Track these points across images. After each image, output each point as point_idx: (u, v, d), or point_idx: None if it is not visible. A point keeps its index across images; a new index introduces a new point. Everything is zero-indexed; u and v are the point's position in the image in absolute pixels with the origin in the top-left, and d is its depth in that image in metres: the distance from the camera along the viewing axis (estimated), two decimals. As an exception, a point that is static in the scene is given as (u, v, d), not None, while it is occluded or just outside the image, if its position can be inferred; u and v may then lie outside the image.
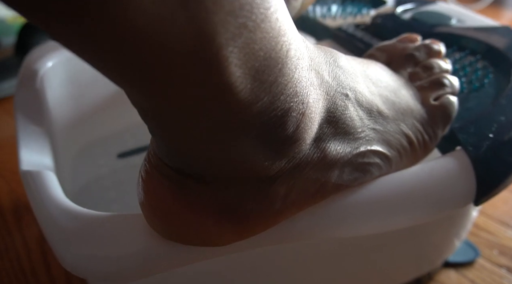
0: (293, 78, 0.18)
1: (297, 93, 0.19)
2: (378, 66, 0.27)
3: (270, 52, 0.17)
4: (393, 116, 0.25)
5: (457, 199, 0.24)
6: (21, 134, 0.29)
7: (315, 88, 0.20)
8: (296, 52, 0.19)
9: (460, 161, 0.25)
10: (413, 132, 0.26)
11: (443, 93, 0.27)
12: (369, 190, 0.23)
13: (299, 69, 0.19)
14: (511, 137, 0.25)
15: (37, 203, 0.24)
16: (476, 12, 0.95)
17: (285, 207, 0.21)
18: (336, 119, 0.22)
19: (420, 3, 0.44)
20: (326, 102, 0.21)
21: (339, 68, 0.23)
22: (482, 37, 0.35)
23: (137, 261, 0.21)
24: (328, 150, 0.21)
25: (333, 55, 0.23)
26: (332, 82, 0.22)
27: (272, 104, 0.18)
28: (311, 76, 0.20)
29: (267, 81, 0.17)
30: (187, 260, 0.21)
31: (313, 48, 0.22)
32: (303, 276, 0.30)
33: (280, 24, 0.17)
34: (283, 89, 0.18)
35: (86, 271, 0.21)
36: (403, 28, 0.38)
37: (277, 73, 0.18)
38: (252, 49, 0.16)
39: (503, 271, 0.40)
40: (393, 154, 0.25)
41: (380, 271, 0.34)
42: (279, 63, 0.18)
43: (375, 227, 0.24)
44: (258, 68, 0.17)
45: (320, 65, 0.21)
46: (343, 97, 0.22)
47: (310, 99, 0.20)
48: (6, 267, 0.40)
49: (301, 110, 0.19)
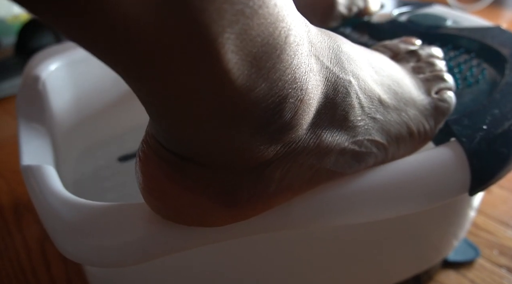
0: (291, 64, 0.18)
1: (295, 79, 0.19)
2: (382, 55, 0.28)
3: (268, 38, 0.17)
4: (395, 105, 0.25)
5: (452, 189, 0.25)
6: (22, 135, 0.30)
7: (315, 74, 0.20)
8: (296, 38, 0.19)
9: (455, 152, 0.25)
10: (415, 123, 0.26)
11: (444, 88, 0.28)
12: (365, 179, 0.24)
13: (298, 55, 0.19)
14: (505, 129, 0.26)
15: (37, 194, 0.24)
16: (476, 12, 0.96)
17: (280, 191, 0.21)
18: (336, 106, 0.22)
19: (417, 5, 0.45)
20: (326, 88, 0.21)
21: (342, 53, 0.23)
22: (476, 36, 0.36)
23: (135, 247, 0.21)
24: (325, 137, 0.22)
25: (337, 41, 0.23)
26: (333, 68, 0.22)
27: (270, 91, 0.18)
28: (311, 62, 0.20)
29: (265, 67, 0.17)
30: (184, 245, 0.22)
31: (315, 32, 0.22)
32: (301, 273, 0.31)
33: (279, 9, 0.17)
34: (281, 75, 0.18)
35: (85, 257, 0.21)
36: (400, 30, 0.39)
37: (275, 59, 0.18)
38: (249, 35, 0.16)
39: (503, 271, 0.40)
40: (391, 144, 0.25)
41: (378, 268, 0.34)
42: (277, 49, 0.18)
43: (369, 215, 0.24)
44: (255, 55, 0.17)
45: (321, 51, 0.21)
46: (346, 83, 0.22)
47: (309, 86, 0.20)
48: (6, 266, 0.40)
49: (299, 97, 0.19)
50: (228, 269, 0.28)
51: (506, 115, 0.26)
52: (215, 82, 0.17)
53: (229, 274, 0.28)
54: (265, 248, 0.28)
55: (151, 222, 0.21)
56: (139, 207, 0.22)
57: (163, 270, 0.26)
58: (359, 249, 0.31)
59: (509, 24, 0.96)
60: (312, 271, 0.31)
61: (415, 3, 0.45)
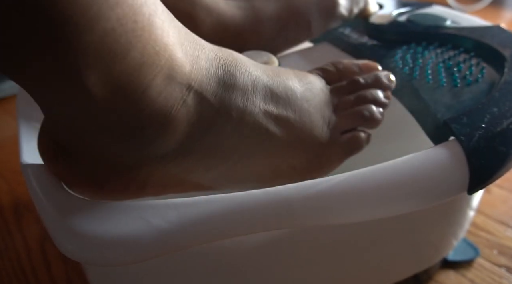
0: (157, 99, 0.21)
1: (161, 111, 0.21)
2: (294, 80, 0.28)
3: (133, 78, 0.19)
4: (286, 139, 0.26)
5: (451, 187, 0.25)
6: (22, 135, 0.30)
7: (189, 107, 0.22)
8: (166, 79, 0.21)
9: (453, 150, 0.25)
10: (303, 158, 0.27)
11: (360, 128, 0.29)
12: (364, 178, 0.24)
13: (166, 93, 0.21)
14: (503, 128, 0.26)
15: (37, 193, 0.24)
16: (475, 12, 0.96)
17: (141, 191, 0.24)
18: (207, 136, 0.24)
19: (416, 6, 0.45)
20: (200, 120, 0.23)
21: (234, 86, 0.24)
22: (475, 36, 0.36)
23: (135, 245, 0.21)
24: (192, 157, 0.24)
25: (234, 71, 0.24)
26: (215, 101, 0.23)
27: (133, 117, 0.20)
28: (187, 97, 0.22)
29: (129, 97, 0.20)
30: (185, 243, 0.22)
31: (208, 64, 0.23)
32: (301, 272, 0.31)
33: (147, 58, 0.19)
34: (146, 106, 0.20)
35: (85, 255, 0.21)
36: (399, 30, 0.39)
37: (139, 94, 0.20)
38: (113, 75, 0.19)
39: (502, 270, 0.40)
40: (267, 177, 0.27)
41: (377, 267, 0.34)
42: (141, 87, 0.20)
43: (368, 214, 0.24)
44: (119, 87, 0.19)
45: (205, 86, 0.23)
46: (224, 117, 0.24)
47: (179, 117, 0.22)
48: (6, 266, 0.40)
49: (164, 126, 0.21)
50: (228, 269, 0.28)
51: (505, 113, 0.26)
52: (75, 95, 0.19)
53: (229, 274, 0.28)
54: (265, 248, 0.28)
55: (151, 221, 0.21)
56: (139, 205, 0.22)
57: (163, 269, 0.26)
58: (358, 249, 0.31)
59: (509, 24, 0.96)
60: (312, 271, 0.31)
61: (415, 4, 0.45)
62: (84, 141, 0.22)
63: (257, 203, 0.22)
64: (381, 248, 0.32)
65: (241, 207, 0.22)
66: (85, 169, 0.23)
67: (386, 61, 0.35)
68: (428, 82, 0.31)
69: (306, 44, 0.42)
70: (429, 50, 0.36)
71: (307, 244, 0.29)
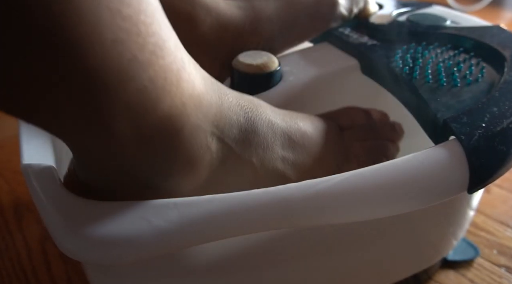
0: (183, 148, 0.21)
1: (187, 158, 0.22)
2: (310, 126, 0.29)
3: (160, 127, 0.20)
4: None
5: (451, 187, 0.25)
6: (23, 135, 0.30)
7: (212, 153, 0.23)
8: (193, 128, 0.21)
9: (454, 150, 0.25)
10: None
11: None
12: (364, 178, 0.24)
13: (192, 141, 0.22)
14: (503, 127, 0.26)
15: (38, 193, 0.24)
16: (475, 13, 0.97)
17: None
18: (226, 179, 0.25)
19: (416, 6, 0.45)
20: (221, 165, 0.24)
21: (254, 133, 0.25)
22: (475, 35, 0.36)
23: (135, 245, 0.21)
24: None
25: (255, 118, 0.25)
26: (237, 148, 0.24)
27: (159, 162, 0.21)
28: (210, 143, 0.23)
29: (157, 145, 0.20)
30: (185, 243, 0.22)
31: (228, 112, 0.24)
32: (300, 272, 0.31)
33: (175, 111, 0.20)
34: (173, 156, 0.21)
35: (86, 255, 0.21)
36: (399, 30, 0.39)
37: (167, 143, 0.21)
38: (142, 128, 0.19)
39: (502, 270, 0.40)
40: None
41: (377, 267, 0.34)
42: (169, 136, 0.20)
43: (368, 213, 0.24)
44: (148, 136, 0.20)
45: (227, 132, 0.24)
46: (246, 164, 0.25)
47: (203, 163, 0.23)
48: (6, 266, 0.40)
49: (188, 170, 0.22)
50: (227, 269, 0.28)
51: (505, 113, 0.26)
52: (111, 147, 0.20)
53: (228, 274, 0.28)
54: (264, 248, 0.28)
55: (151, 220, 0.21)
56: (140, 205, 0.22)
57: (163, 269, 0.26)
58: (358, 248, 0.31)
59: (508, 24, 0.96)
60: (311, 270, 0.31)
61: (415, 4, 0.46)
62: (111, 182, 0.22)
63: (258, 203, 0.22)
64: (380, 248, 0.32)
65: (241, 207, 0.22)
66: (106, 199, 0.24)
67: (386, 61, 0.35)
68: (428, 82, 0.31)
69: (306, 44, 0.42)
70: (429, 50, 0.36)
71: (307, 244, 0.29)
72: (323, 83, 0.36)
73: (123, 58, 0.17)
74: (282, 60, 0.37)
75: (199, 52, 0.36)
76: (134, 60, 0.17)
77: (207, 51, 0.36)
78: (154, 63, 0.18)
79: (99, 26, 0.16)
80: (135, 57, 0.17)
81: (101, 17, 0.15)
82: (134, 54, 0.17)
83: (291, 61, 0.38)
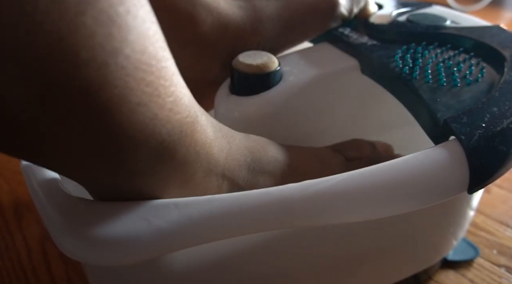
0: (197, 189, 0.24)
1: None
2: (315, 160, 0.31)
3: (177, 175, 0.22)
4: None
5: (451, 187, 0.25)
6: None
7: (222, 192, 0.25)
8: (204, 173, 0.24)
9: (454, 150, 0.25)
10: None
11: None
12: (363, 178, 0.24)
13: (205, 184, 0.24)
14: (503, 127, 0.26)
15: (37, 193, 0.24)
16: (475, 13, 0.97)
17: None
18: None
19: (416, 6, 0.45)
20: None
21: (262, 173, 0.27)
22: (475, 35, 0.36)
23: (135, 245, 0.21)
24: None
25: (261, 159, 0.27)
26: (246, 186, 0.26)
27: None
28: (222, 185, 0.25)
29: (172, 190, 0.23)
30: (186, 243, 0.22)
31: (237, 155, 0.26)
32: (299, 272, 0.31)
33: (192, 151, 0.22)
34: (185, 195, 0.23)
35: (86, 255, 0.21)
36: (399, 30, 0.39)
37: (181, 187, 0.23)
38: (161, 173, 0.22)
39: (502, 270, 0.40)
40: None
41: (377, 267, 0.34)
42: (184, 181, 0.23)
43: (367, 214, 0.24)
44: (165, 182, 0.22)
45: (237, 173, 0.26)
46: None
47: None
48: (6, 266, 0.40)
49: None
50: (227, 269, 0.28)
51: (505, 113, 0.26)
52: (133, 194, 0.22)
53: (228, 274, 0.28)
54: (263, 248, 0.28)
55: (151, 220, 0.21)
56: (140, 205, 0.22)
57: (162, 269, 0.26)
58: (358, 249, 0.31)
59: (508, 24, 0.96)
60: (311, 271, 0.31)
61: (415, 4, 0.46)
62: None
63: (258, 203, 0.22)
64: (380, 248, 0.32)
65: (241, 207, 0.22)
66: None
67: (386, 61, 0.35)
68: (428, 82, 0.31)
69: (306, 44, 0.42)
70: (429, 50, 0.36)
71: (306, 244, 0.29)
72: (323, 83, 0.36)
73: (146, 117, 0.19)
74: (282, 60, 0.37)
75: (200, 52, 0.35)
76: (155, 118, 0.19)
77: (208, 50, 0.36)
78: (172, 119, 0.20)
79: (127, 93, 0.18)
80: (156, 115, 0.19)
81: (129, 86, 0.18)
82: (155, 113, 0.19)
83: (291, 61, 0.38)
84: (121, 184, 0.22)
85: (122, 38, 0.17)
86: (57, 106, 0.17)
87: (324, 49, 0.40)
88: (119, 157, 0.20)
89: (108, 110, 0.17)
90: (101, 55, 0.16)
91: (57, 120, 0.17)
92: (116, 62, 0.17)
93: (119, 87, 0.17)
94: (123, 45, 0.17)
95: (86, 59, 0.16)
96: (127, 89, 0.18)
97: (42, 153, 0.19)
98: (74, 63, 0.16)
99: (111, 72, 0.17)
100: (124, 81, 0.17)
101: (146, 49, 0.18)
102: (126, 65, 0.17)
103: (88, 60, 0.16)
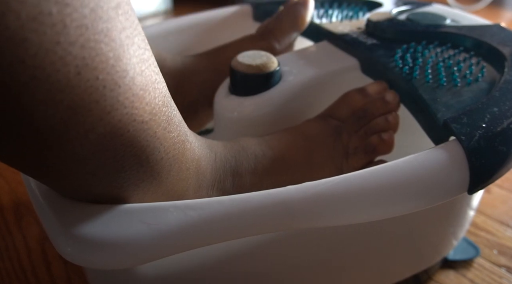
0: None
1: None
2: (300, 140, 0.31)
3: (172, 192, 0.24)
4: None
5: (451, 188, 0.24)
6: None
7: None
8: (197, 184, 0.26)
9: (454, 150, 0.25)
10: None
11: (373, 160, 0.32)
12: (364, 179, 0.24)
13: (197, 194, 0.26)
14: (504, 128, 0.26)
15: (36, 197, 0.24)
16: (475, 12, 0.96)
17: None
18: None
19: (416, 5, 0.45)
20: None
21: (244, 174, 0.28)
22: (475, 34, 0.36)
23: (134, 248, 0.21)
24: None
25: (241, 159, 0.29)
26: (232, 189, 0.28)
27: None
28: (211, 193, 0.27)
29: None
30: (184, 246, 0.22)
31: (223, 164, 0.28)
32: (301, 272, 0.31)
33: (181, 180, 0.24)
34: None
35: (85, 258, 0.21)
36: (399, 29, 0.39)
37: (178, 194, 0.24)
38: (159, 193, 0.23)
39: (502, 270, 0.40)
40: None
41: (377, 267, 0.34)
42: (179, 197, 0.24)
43: (368, 215, 0.24)
44: (162, 199, 0.24)
45: (224, 181, 0.28)
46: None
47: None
48: (6, 266, 0.40)
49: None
50: (226, 270, 0.28)
51: (505, 113, 0.26)
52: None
53: (228, 274, 0.28)
54: (264, 249, 0.28)
55: (150, 224, 0.21)
56: (138, 208, 0.22)
57: (161, 271, 0.26)
58: (358, 249, 0.31)
59: (508, 24, 0.96)
60: (312, 271, 0.31)
61: (415, 2, 0.45)
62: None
63: (257, 205, 0.22)
64: (381, 248, 0.32)
65: (240, 209, 0.22)
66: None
67: (385, 60, 0.35)
68: (428, 81, 0.31)
69: (306, 43, 0.42)
70: (429, 49, 0.35)
71: (307, 245, 0.29)
72: (323, 82, 0.36)
73: (148, 134, 0.20)
74: (281, 60, 0.37)
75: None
76: (155, 136, 0.21)
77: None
78: (167, 137, 0.22)
79: (134, 112, 0.19)
80: (155, 133, 0.21)
81: (135, 105, 0.19)
82: (154, 131, 0.21)
83: (291, 61, 0.38)
84: (120, 200, 0.22)
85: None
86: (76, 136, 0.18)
87: (324, 48, 0.40)
88: (120, 180, 0.21)
89: (119, 130, 0.19)
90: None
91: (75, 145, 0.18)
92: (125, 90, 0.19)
93: (128, 107, 0.19)
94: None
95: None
96: (133, 109, 0.19)
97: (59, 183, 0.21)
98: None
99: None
100: (130, 102, 0.19)
101: (143, 72, 0.19)
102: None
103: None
